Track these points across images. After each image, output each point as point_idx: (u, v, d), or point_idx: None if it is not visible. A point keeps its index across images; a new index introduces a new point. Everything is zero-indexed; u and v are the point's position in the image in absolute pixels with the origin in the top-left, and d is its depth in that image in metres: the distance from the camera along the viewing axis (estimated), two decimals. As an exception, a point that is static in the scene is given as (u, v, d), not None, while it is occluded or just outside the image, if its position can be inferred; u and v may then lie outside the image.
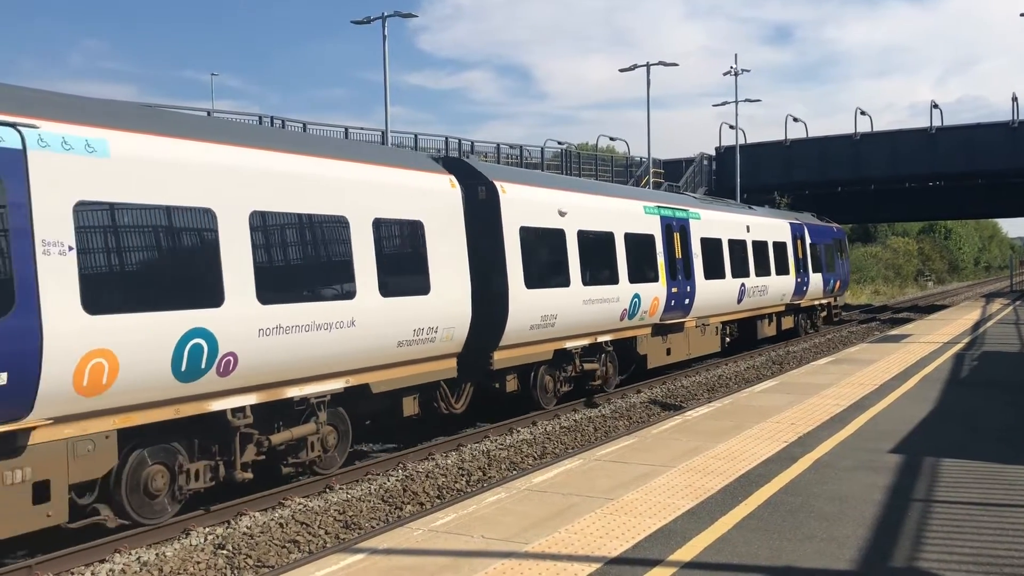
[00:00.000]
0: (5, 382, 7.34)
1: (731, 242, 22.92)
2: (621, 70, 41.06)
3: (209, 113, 26.82)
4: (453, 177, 13.45)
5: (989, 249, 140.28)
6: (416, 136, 34.38)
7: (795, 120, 48.90)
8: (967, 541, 6.58)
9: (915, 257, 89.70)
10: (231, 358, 9.37)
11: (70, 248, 7.91)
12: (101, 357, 8.11)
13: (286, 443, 10.63)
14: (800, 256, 28.33)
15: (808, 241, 29.32)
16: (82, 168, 8.10)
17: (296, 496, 10.88)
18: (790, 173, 47.45)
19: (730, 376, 21.61)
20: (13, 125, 7.58)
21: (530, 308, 14.57)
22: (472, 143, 37.47)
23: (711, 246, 21.71)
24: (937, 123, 45.02)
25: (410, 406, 12.77)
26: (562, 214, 15.74)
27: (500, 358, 14.29)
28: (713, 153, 49.93)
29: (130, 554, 8.85)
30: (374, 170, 11.77)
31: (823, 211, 38.85)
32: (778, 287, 26.31)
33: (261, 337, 9.65)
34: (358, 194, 11.25)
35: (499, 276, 14.03)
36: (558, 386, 16.50)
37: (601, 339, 17.27)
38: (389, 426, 13.86)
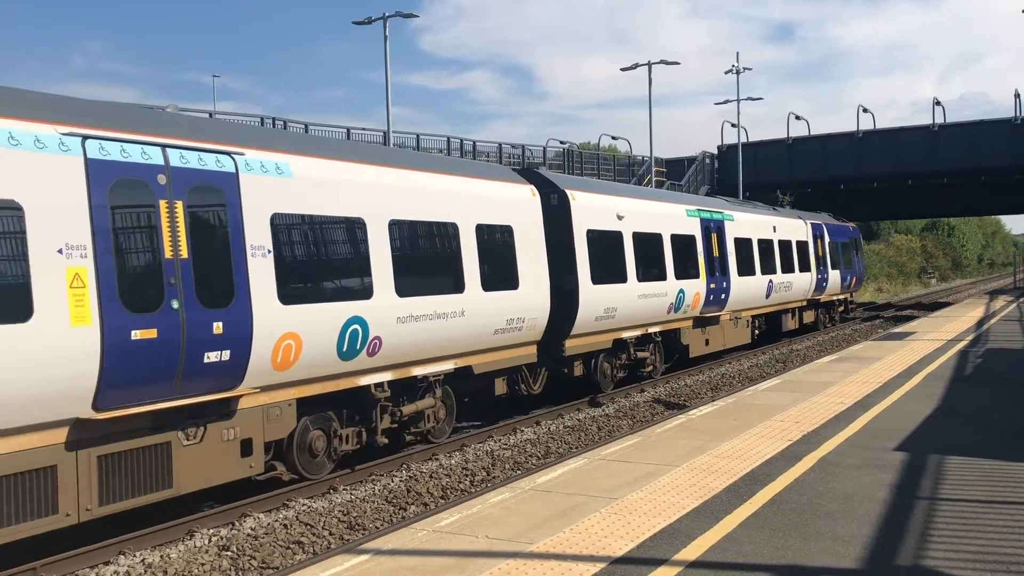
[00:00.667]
0: (228, 358, 9.33)
1: (760, 241, 24.69)
2: (623, 69, 41.04)
3: (211, 115, 26.85)
4: (533, 187, 15.41)
5: (992, 246, 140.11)
6: (418, 136, 34.39)
7: (797, 118, 48.86)
8: (973, 539, 6.56)
9: (918, 254, 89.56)
10: (377, 341, 11.35)
11: (269, 251, 9.91)
12: (290, 339, 10.07)
13: (411, 414, 12.57)
14: (820, 254, 29.98)
15: (827, 240, 30.93)
16: (274, 186, 10.13)
17: (300, 497, 10.88)
18: (792, 171, 47.39)
19: (733, 375, 21.59)
20: (228, 153, 9.67)
21: (595, 302, 16.42)
22: (474, 143, 37.45)
23: (743, 245, 23.44)
24: (940, 120, 44.96)
25: (500, 386, 14.85)
26: (620, 218, 17.72)
27: (570, 346, 16.15)
28: (715, 152, 49.89)
29: (135, 556, 8.86)
30: (476, 183, 13.88)
31: (826, 209, 38.79)
32: (801, 283, 28.03)
33: (398, 324, 11.64)
34: (465, 204, 13.31)
35: (570, 273, 15.89)
36: (615, 372, 18.28)
37: (651, 330, 19.16)
38: (483, 404, 15.56)
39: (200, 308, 9.06)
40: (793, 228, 28.01)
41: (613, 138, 60.74)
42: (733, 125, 46.28)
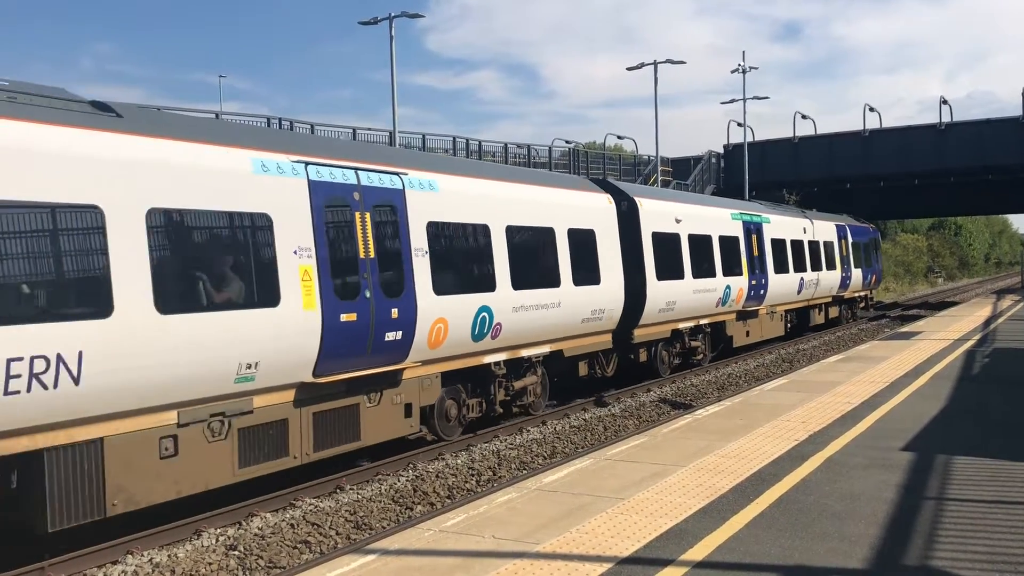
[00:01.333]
0: (400, 337, 11.69)
1: (792, 242, 26.87)
2: (629, 68, 40.96)
3: (217, 115, 26.90)
4: (609, 195, 17.65)
5: (999, 245, 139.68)
6: (424, 136, 34.40)
7: (803, 117, 48.71)
8: (981, 539, 6.54)
9: (925, 254, 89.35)
10: (499, 326, 13.72)
11: (426, 252, 12.19)
12: (440, 323, 12.39)
13: (519, 389, 14.99)
14: (844, 254, 32.29)
15: (850, 240, 33.23)
16: (428, 199, 12.46)
17: (307, 497, 10.90)
18: (799, 170, 47.28)
19: (740, 374, 21.55)
20: (397, 174, 12.04)
21: (659, 296, 18.62)
22: (480, 143, 37.47)
23: (778, 246, 25.63)
24: (946, 119, 44.82)
25: (583, 369, 17.21)
26: (678, 221, 19.86)
27: (638, 335, 18.39)
28: (721, 151, 49.80)
29: (142, 555, 8.89)
30: (567, 193, 16.32)
31: (832, 208, 38.74)
32: (828, 281, 30.25)
33: (513, 312, 13.98)
34: (559, 212, 15.63)
35: (639, 271, 18.02)
36: (672, 359, 20.50)
37: (702, 322, 21.35)
38: (567, 385, 17.65)
39: (383, 297, 11.47)
40: (821, 229, 30.22)
41: (619, 137, 60.76)
42: (739, 124, 46.21)
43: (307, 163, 10.63)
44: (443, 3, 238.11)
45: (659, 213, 19.18)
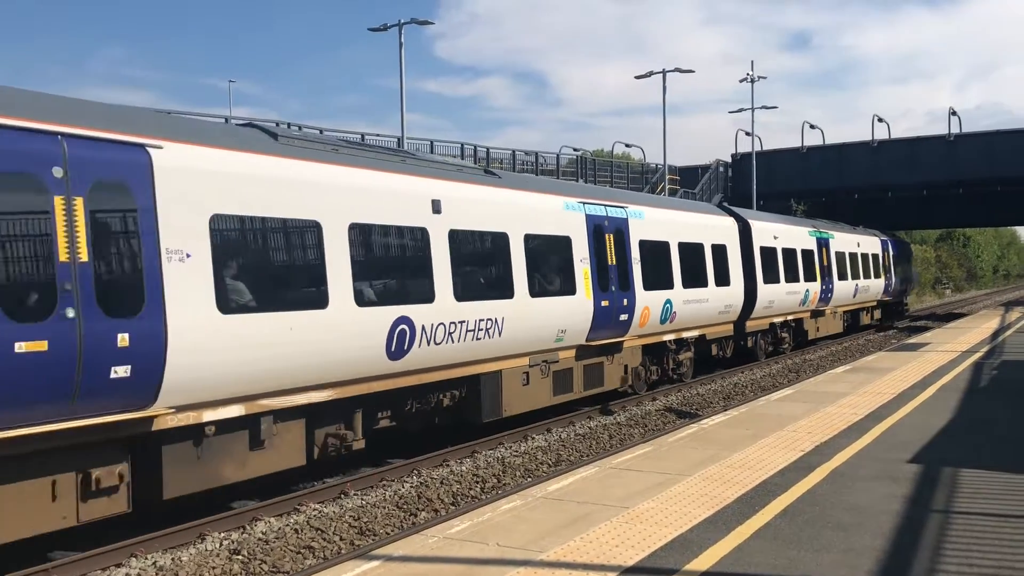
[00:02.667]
0: (627, 319, 16.89)
1: (850, 254, 32.24)
2: (637, 77, 40.87)
3: (227, 120, 27.00)
4: (733, 218, 23.08)
5: (1008, 257, 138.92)
6: (432, 143, 34.43)
7: (812, 127, 48.64)
8: (987, 553, 6.50)
9: (933, 265, 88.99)
10: (675, 314, 18.83)
11: (638, 260, 17.47)
12: (646, 310, 17.57)
13: (680, 360, 20.30)
14: (887, 264, 37.86)
15: (891, 252, 39.08)
16: (639, 225, 17.78)
17: (311, 502, 10.89)
18: (807, 180, 47.16)
19: (746, 384, 21.50)
20: (623, 207, 17.58)
21: (764, 296, 23.85)
22: (488, 149, 37.50)
23: (840, 257, 30.82)
24: (956, 130, 44.71)
25: (714, 349, 22.29)
26: (775, 238, 25.15)
27: (749, 326, 23.71)
28: (729, 160, 49.75)
29: (146, 558, 8.89)
30: (709, 217, 21.68)
31: (840, 217, 38.75)
32: (875, 287, 35.74)
33: (683, 304, 19.09)
34: (707, 231, 20.85)
35: (751, 277, 23.21)
36: (767, 347, 25.83)
37: (788, 318, 26.69)
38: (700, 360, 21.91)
39: (620, 292, 16.63)
40: (868, 243, 35.59)
41: (627, 145, 60.77)
42: (747, 134, 46.13)
43: (584, 203, 16.18)
44: (452, 10, 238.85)
45: (763, 231, 24.56)
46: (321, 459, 11.18)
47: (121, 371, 8.11)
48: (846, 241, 32.11)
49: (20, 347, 7.37)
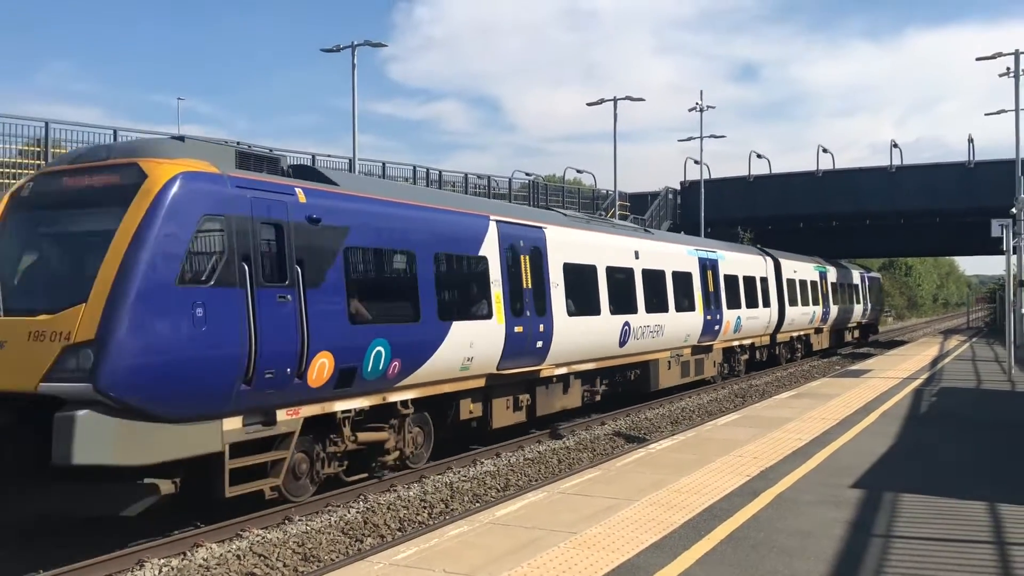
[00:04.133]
0: (719, 328, 25.08)
1: (840, 284, 40.88)
2: (589, 104, 41.35)
3: (182, 138, 26.70)
4: (769, 257, 30.87)
5: (947, 286, 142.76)
6: (384, 165, 34.33)
7: (759, 156, 49.54)
8: (926, 577, 6.61)
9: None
10: (741, 327, 26.72)
11: (723, 288, 25.56)
12: (728, 322, 25.62)
13: (740, 360, 27.97)
14: (864, 293, 46.88)
15: (867, 284, 48.24)
16: (720, 263, 25.69)
17: (254, 527, 10.68)
18: (754, 208, 48.03)
19: (693, 408, 21.68)
20: (715, 251, 26.08)
21: (789, 316, 32.05)
22: (440, 172, 37.49)
23: (834, 286, 39.62)
24: (897, 162, 45.94)
25: (757, 355, 30.54)
26: (795, 271, 33.40)
27: (779, 338, 32.40)
28: (678, 187, 50.45)
29: (81, 587, 8.62)
30: (753, 257, 29.56)
31: (786, 246, 39.61)
32: (857, 311, 44.80)
33: (746, 320, 26.88)
34: (753, 267, 28.75)
35: (780, 301, 31.19)
36: (787, 355, 33.88)
37: (801, 334, 35.53)
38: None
39: (716, 310, 24.31)
40: (855, 276, 45.13)
41: (578, 171, 61.23)
42: (696, 162, 46.89)
43: (696, 249, 24.06)
44: (408, 33, 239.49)
45: (788, 267, 32.68)
46: (584, 402, 19.07)
47: (539, 344, 15.90)
48: (838, 274, 40.97)
49: (516, 329, 15.07)
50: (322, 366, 10.97)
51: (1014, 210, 27.83)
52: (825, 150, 47.40)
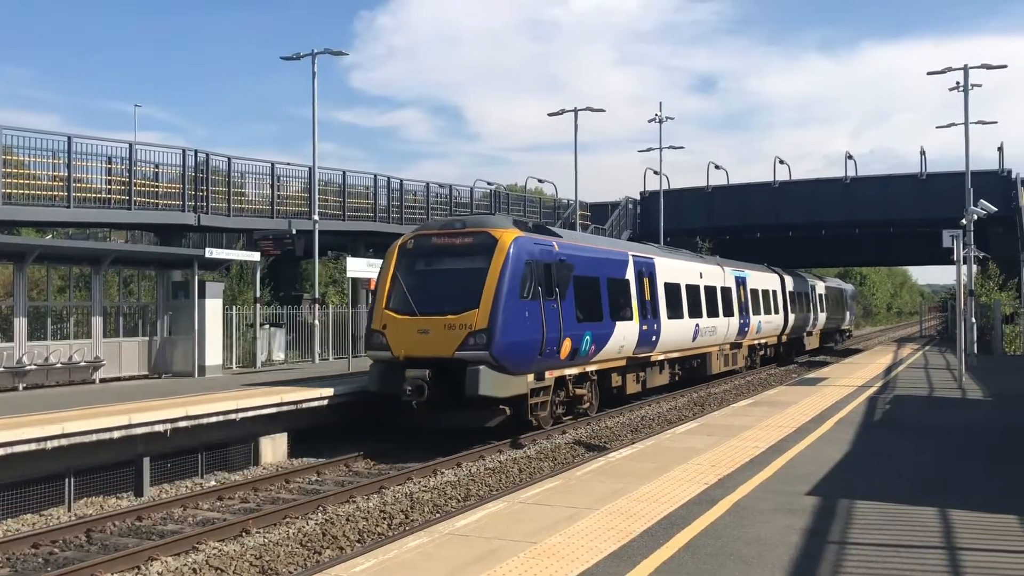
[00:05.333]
0: (747, 328, 33.06)
1: (823, 295, 48.15)
2: (550, 114, 41.52)
3: (131, 146, 26.32)
4: (780, 275, 38.73)
5: (900, 295, 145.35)
6: (344, 173, 34.15)
7: (717, 167, 50.15)
8: (880, 583, 6.72)
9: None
10: (762, 330, 34.96)
11: (758, 299, 35.73)
12: (753, 326, 33.81)
13: (758, 356, 35.97)
14: (848, 303, 57.31)
15: (849, 294, 59.30)
16: (747, 280, 33.95)
17: (211, 540, 10.55)
18: (712, 218, 48.60)
19: (653, 417, 21.82)
20: (743, 273, 34.26)
21: (791, 320, 39.17)
22: (401, 181, 37.39)
23: (823, 297, 47.90)
24: (852, 173, 46.77)
25: (770, 352, 38.19)
26: (795, 284, 41.24)
27: (783, 339, 39.66)
28: (638, 197, 50.85)
29: (31, 603, 8.45)
30: (768, 274, 37.33)
31: (744, 256, 40.15)
32: (845, 319, 56.52)
33: (764, 324, 34.96)
34: (772, 283, 37.07)
35: (787, 309, 38.39)
36: (789, 353, 41.35)
37: (798, 336, 42.67)
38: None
39: (745, 316, 32.16)
40: (840, 286, 56.13)
41: (540, 181, 61.52)
42: (655, 172, 47.33)
43: (733, 269, 31.46)
44: (369, 42, 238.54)
45: (791, 281, 40.46)
46: (672, 381, 26.09)
47: (653, 338, 22.84)
48: (823, 286, 48.67)
49: (643, 327, 22.24)
50: (566, 346, 18.25)
51: (964, 221, 28.46)
52: (782, 161, 48.19)
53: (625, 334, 21.37)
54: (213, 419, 14.61)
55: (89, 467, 12.87)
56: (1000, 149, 44.32)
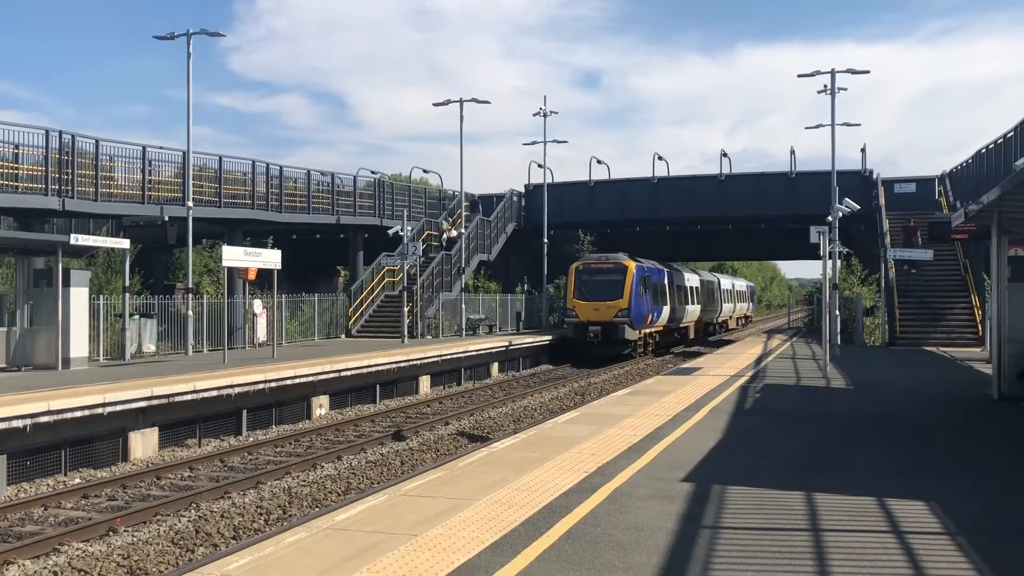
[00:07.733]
0: (744, 312, 76.63)
1: (739, 292, 67.74)
2: (435, 104, 41.29)
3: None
4: (748, 282, 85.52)
5: (771, 289, 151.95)
6: (220, 158, 33.06)
7: (599, 162, 51.04)
8: (751, 564, 6.98)
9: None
10: (731, 314, 66.06)
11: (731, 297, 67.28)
12: (730, 316, 67.80)
13: (723, 329, 65.61)
14: (748, 295, 73.92)
15: (751, 290, 77.41)
16: (724, 283, 63.39)
17: (74, 540, 10.04)
18: (594, 212, 49.47)
19: (535, 407, 22.05)
20: (718, 278, 65.48)
21: (736, 309, 69.68)
22: (281, 168, 36.48)
23: (739, 293, 68.46)
24: (727, 170, 48.45)
25: (736, 324, 71.44)
26: (732, 284, 66.95)
27: (718, 321, 65.00)
28: (523, 190, 51.26)
29: None
30: (741, 281, 78.74)
31: (623, 249, 41.09)
32: (745, 307, 72.85)
33: (733, 309, 67.54)
34: (742, 284, 76.36)
35: (750, 300, 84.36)
36: (742, 327, 72.88)
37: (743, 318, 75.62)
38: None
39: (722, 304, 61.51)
40: (747, 285, 75.26)
41: (425, 171, 61.17)
42: (540, 166, 47.80)
43: (730, 278, 68.90)
44: (250, 24, 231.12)
45: (727, 282, 62.71)
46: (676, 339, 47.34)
47: (665, 316, 43.08)
48: (736, 283, 67.21)
49: (653, 315, 40.02)
50: (650, 318, 39.12)
51: (830, 218, 29.91)
52: (661, 158, 49.50)
53: (691, 313, 47.08)
54: (78, 414, 13.92)
55: (-62, 467, 12.17)
56: (863, 150, 46.85)
